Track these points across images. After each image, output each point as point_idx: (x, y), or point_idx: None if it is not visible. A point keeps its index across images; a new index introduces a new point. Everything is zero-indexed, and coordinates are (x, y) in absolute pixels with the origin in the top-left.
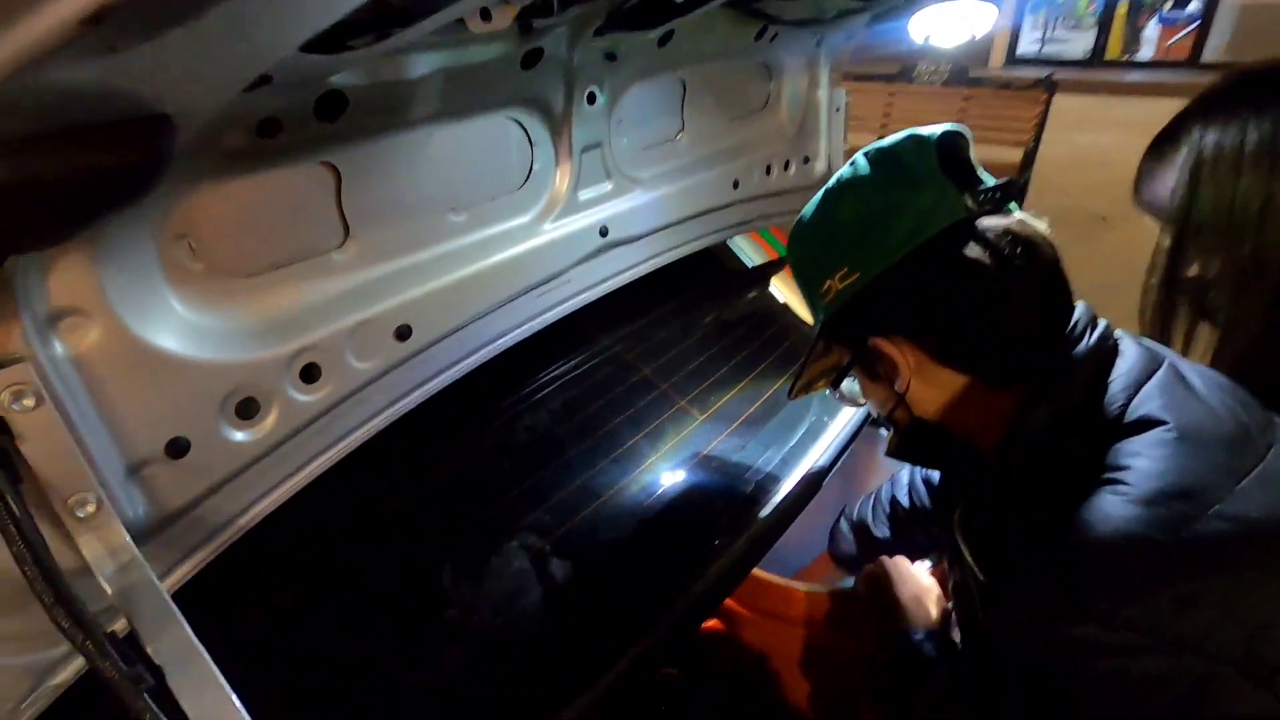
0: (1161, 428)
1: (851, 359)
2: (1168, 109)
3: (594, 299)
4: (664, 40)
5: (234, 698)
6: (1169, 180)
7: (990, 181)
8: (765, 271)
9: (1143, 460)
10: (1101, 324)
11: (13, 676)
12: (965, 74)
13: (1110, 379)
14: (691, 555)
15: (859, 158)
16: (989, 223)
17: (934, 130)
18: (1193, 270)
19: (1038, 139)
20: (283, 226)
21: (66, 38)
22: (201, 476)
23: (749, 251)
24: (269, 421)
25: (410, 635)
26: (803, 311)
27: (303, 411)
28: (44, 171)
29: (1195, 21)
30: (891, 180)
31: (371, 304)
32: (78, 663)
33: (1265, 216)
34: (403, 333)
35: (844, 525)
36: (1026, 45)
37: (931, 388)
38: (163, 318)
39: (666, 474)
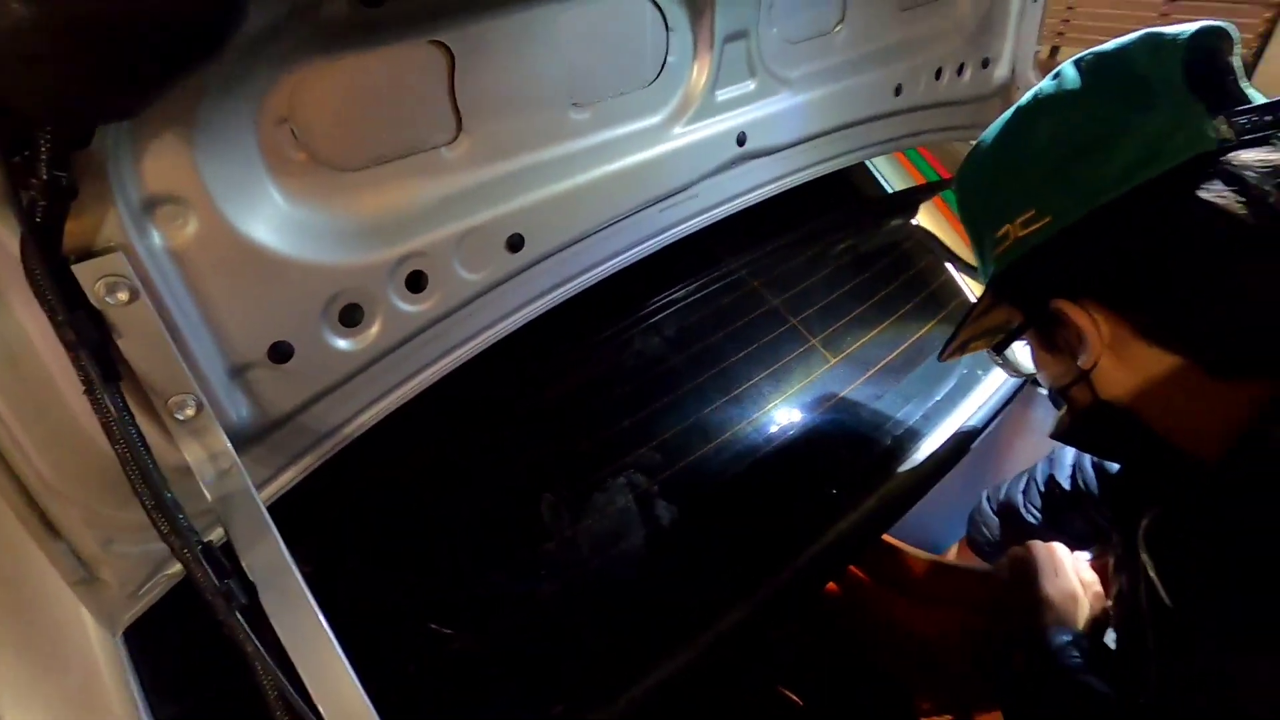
0: None
1: (1024, 322)
2: None
3: (724, 217)
4: None
5: (324, 622)
6: None
7: (1258, 99)
8: (911, 199)
9: None
10: None
11: (132, 563)
12: None
13: None
14: (814, 512)
15: (1067, 67)
16: (1248, 157)
17: (1181, 30)
18: None
19: (1258, 55)
20: (390, 115)
21: None
22: (305, 383)
23: (891, 175)
24: (373, 331)
25: (506, 567)
26: (961, 249)
27: (408, 322)
28: (92, 9)
29: None
30: (1113, 96)
31: (483, 209)
32: None
33: None
34: (515, 243)
35: (987, 507)
36: None
37: (1128, 368)
38: (265, 212)
39: (791, 419)
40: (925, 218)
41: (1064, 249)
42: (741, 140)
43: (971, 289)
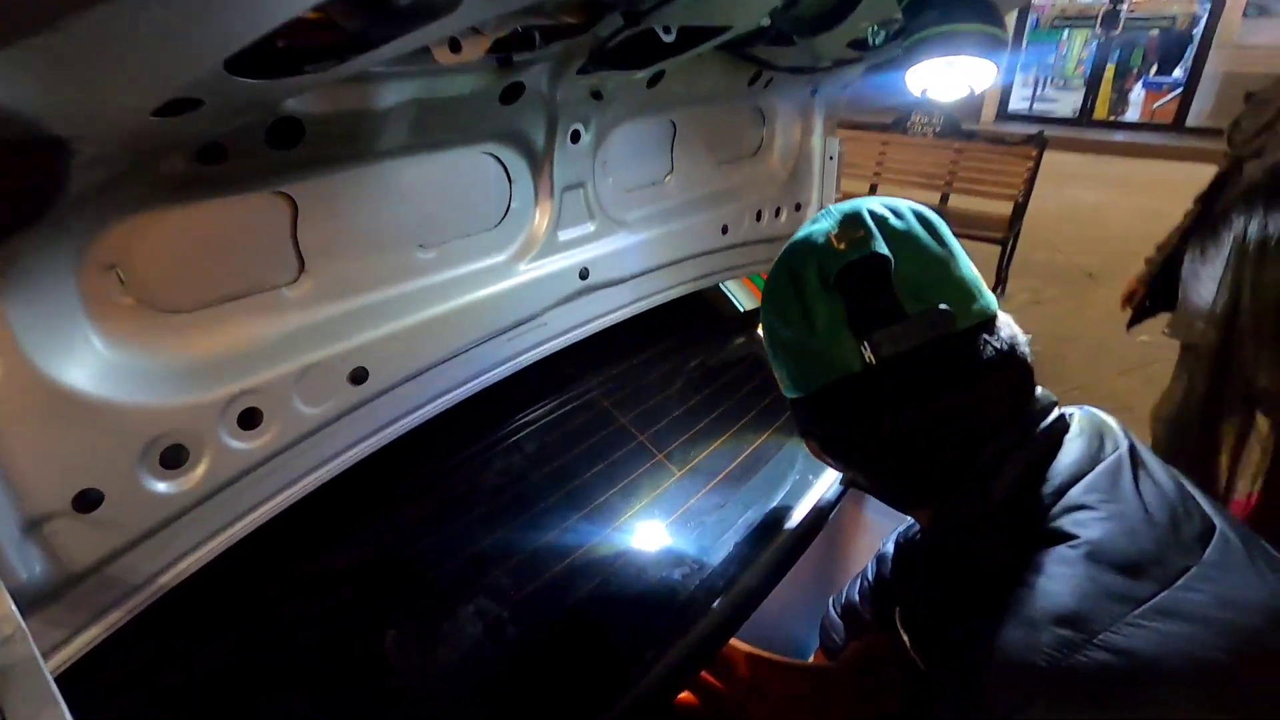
0: (1069, 543)
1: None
2: (1154, 170)
3: (572, 343)
4: (654, 81)
5: None
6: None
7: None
8: (755, 318)
9: (1042, 578)
10: (1051, 415)
11: None
12: (958, 127)
13: (1047, 475)
14: (664, 621)
15: (782, 254)
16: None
17: (843, 247)
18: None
19: (1027, 194)
20: (228, 259)
21: None
22: (116, 532)
23: (740, 296)
24: (198, 471)
25: (351, 706)
26: None
27: (239, 460)
28: None
29: (1179, 87)
30: (791, 312)
31: (325, 345)
32: None
33: None
34: (359, 376)
35: (833, 612)
36: (1017, 102)
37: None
38: (80, 356)
39: (640, 532)
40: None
41: (798, 410)
42: (584, 274)
43: None
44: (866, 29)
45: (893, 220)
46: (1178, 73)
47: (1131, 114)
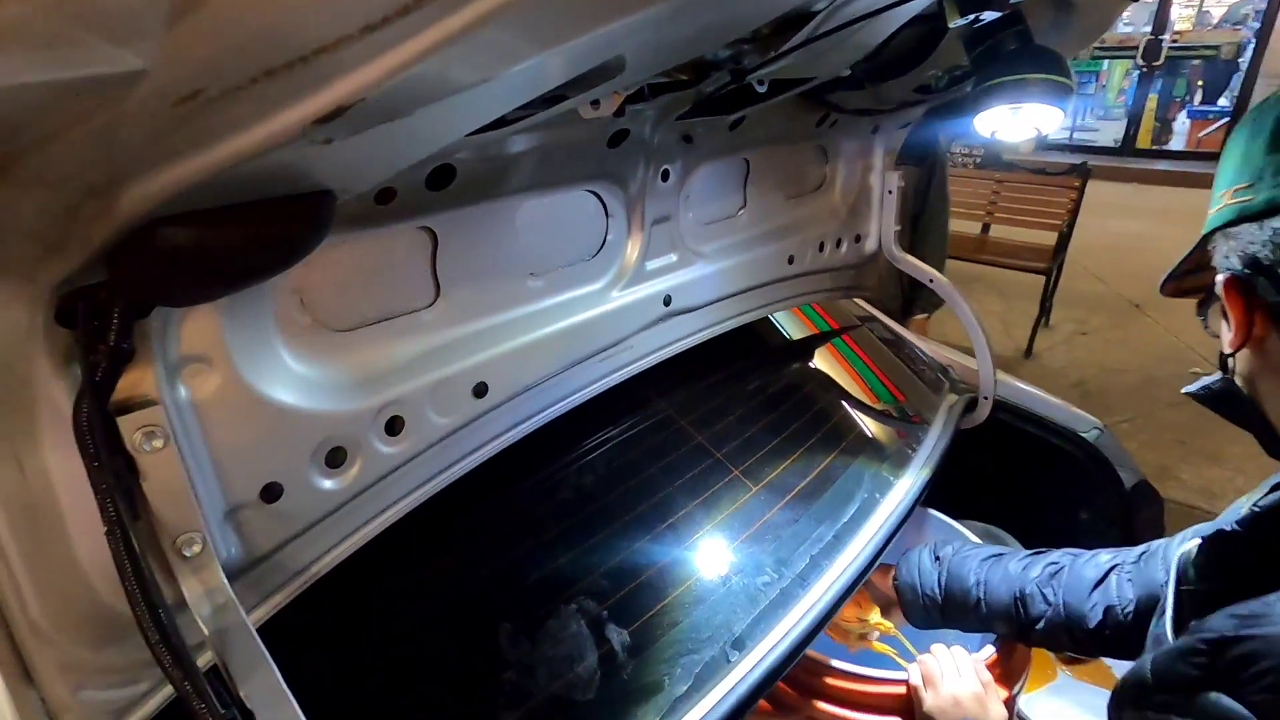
0: None
1: (1210, 286)
2: (1198, 199)
3: (654, 364)
4: (735, 124)
5: None
6: None
7: None
8: (808, 345)
9: None
10: None
11: (94, 712)
12: (998, 158)
13: None
14: (753, 623)
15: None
16: None
17: None
18: None
19: (1071, 224)
20: (383, 284)
21: (297, 131)
22: (289, 522)
23: (789, 326)
24: (354, 471)
25: (467, 694)
26: (855, 389)
27: (385, 462)
28: (221, 239)
29: (1226, 116)
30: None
31: (453, 362)
32: (158, 698)
33: None
34: (480, 390)
35: (929, 563)
36: (1058, 132)
37: (1267, 364)
38: (273, 369)
39: (718, 544)
40: (821, 361)
41: (1249, 229)
42: (668, 301)
43: (867, 425)
44: (933, 76)
45: None
46: (1223, 101)
47: (1177, 143)
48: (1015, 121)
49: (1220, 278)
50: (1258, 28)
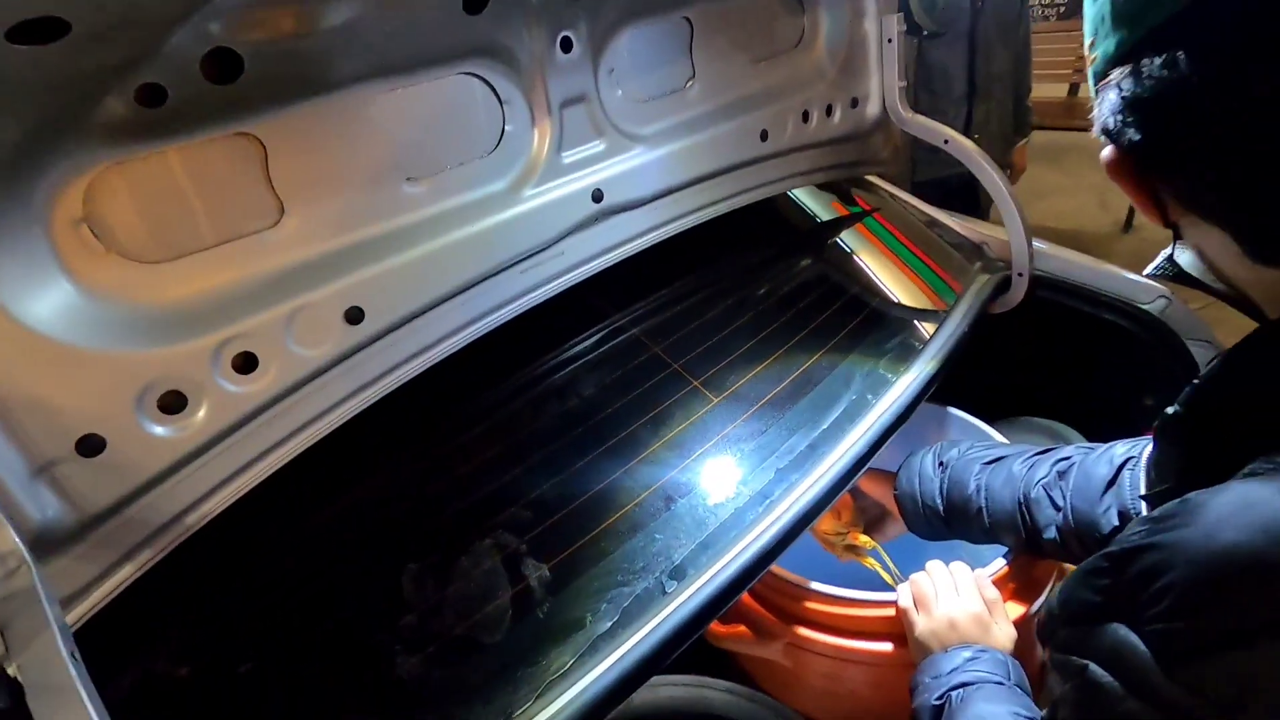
0: None
1: None
2: None
3: (595, 272)
4: None
5: None
6: None
7: None
8: (827, 230)
9: None
10: None
11: None
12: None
13: None
14: (698, 548)
15: None
16: None
17: None
18: None
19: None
20: (202, 205)
21: None
22: (126, 475)
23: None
24: (199, 416)
25: (364, 642)
26: (885, 269)
27: (241, 403)
28: None
29: None
30: None
31: (315, 286)
32: None
33: None
34: (354, 315)
35: (931, 469)
36: None
37: (1186, 233)
38: (60, 308)
39: (665, 464)
40: (818, 247)
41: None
42: (598, 197)
43: (870, 316)
44: None
45: None
46: None
47: None
48: None
49: (1106, 147)
50: None
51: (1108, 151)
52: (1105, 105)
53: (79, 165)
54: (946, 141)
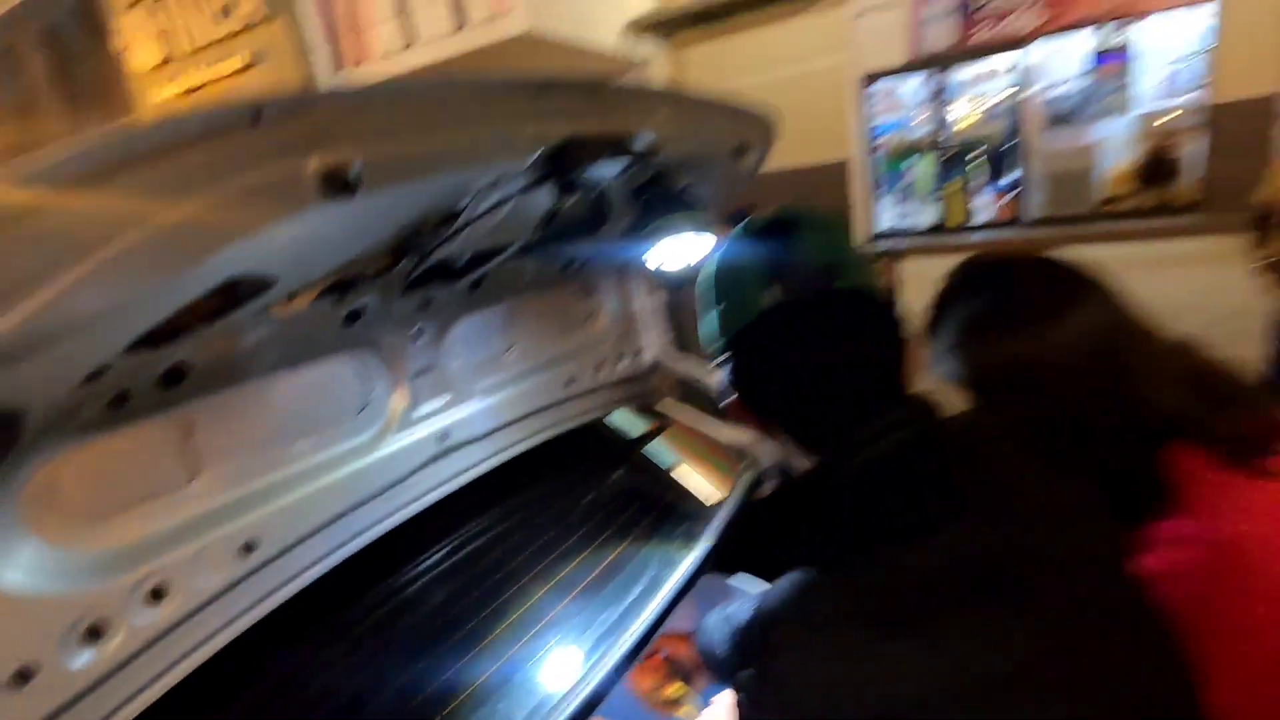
0: None
1: None
2: None
3: (444, 495)
4: (476, 285)
5: None
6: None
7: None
8: (604, 451)
9: None
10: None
11: None
12: None
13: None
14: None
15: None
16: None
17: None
18: None
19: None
20: (140, 471)
21: None
22: (47, 701)
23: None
24: (114, 643)
25: None
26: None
27: (149, 630)
28: None
29: (1015, 189)
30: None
31: (218, 526)
32: None
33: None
34: (249, 547)
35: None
36: (888, 220)
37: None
38: (13, 560)
39: (501, 650)
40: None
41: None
42: (444, 437)
43: (661, 513)
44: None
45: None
46: (1014, 174)
47: (985, 215)
48: (673, 254)
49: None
50: (1011, 122)
51: (730, 400)
52: (722, 377)
53: (52, 454)
54: (699, 381)
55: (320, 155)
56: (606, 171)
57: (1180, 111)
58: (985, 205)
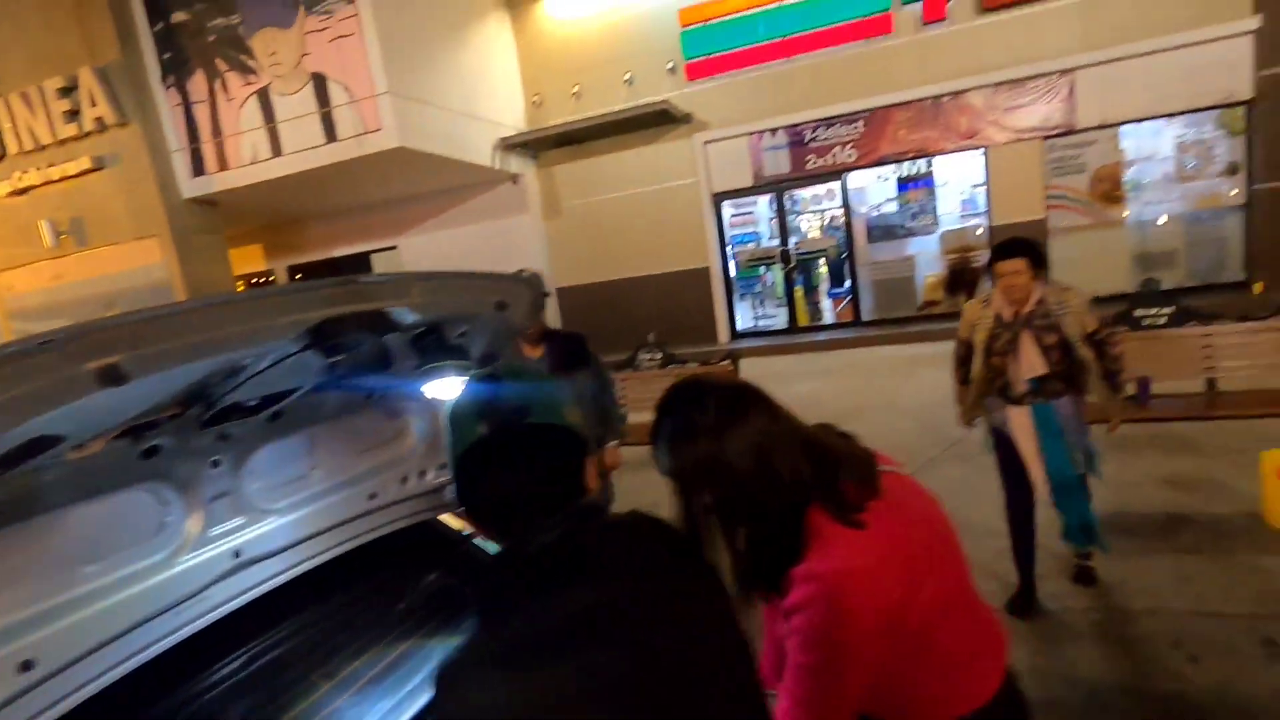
0: None
1: None
2: (845, 357)
3: (238, 606)
4: (274, 416)
5: None
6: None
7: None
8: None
9: None
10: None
11: None
12: (673, 357)
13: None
14: None
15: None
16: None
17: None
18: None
19: None
20: None
21: None
22: None
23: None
24: None
25: None
26: None
27: None
28: None
29: (849, 294)
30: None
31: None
32: None
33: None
34: (26, 665)
35: None
36: (746, 322)
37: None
38: None
39: None
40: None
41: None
42: (238, 554)
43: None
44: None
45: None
46: (849, 283)
47: (828, 318)
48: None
49: None
50: (844, 236)
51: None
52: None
53: None
54: None
55: (95, 360)
56: (367, 337)
57: (980, 230)
58: (829, 308)
